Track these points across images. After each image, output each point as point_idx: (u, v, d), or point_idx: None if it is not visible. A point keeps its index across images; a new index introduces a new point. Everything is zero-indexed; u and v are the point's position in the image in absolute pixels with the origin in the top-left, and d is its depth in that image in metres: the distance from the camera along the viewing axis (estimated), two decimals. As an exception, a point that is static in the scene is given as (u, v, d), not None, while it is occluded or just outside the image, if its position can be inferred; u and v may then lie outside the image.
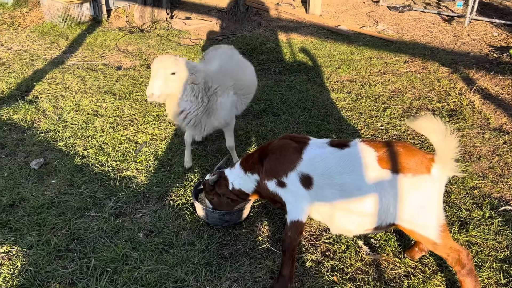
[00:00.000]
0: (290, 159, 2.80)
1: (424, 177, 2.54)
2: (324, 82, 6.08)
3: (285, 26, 8.52)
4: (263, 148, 3.01)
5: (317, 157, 2.75)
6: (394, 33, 8.30)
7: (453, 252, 2.62)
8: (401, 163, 2.57)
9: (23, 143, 4.33)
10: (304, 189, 2.76)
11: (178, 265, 2.99)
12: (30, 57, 6.48)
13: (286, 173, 2.80)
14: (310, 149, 2.80)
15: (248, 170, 3.05)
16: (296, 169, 2.77)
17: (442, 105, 5.38)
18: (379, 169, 2.59)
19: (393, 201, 2.58)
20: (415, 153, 2.59)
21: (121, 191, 3.72)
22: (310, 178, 2.73)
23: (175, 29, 8.17)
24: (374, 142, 2.74)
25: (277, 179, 2.85)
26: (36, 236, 3.17)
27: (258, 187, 3.02)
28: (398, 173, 2.56)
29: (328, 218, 2.81)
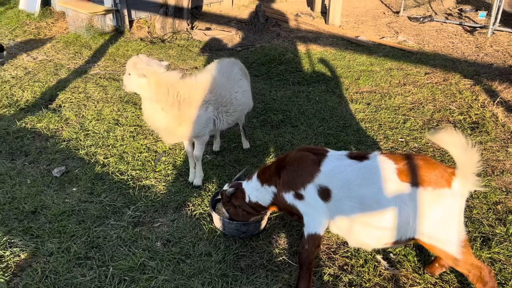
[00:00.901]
0: (308, 171, 2.78)
1: (445, 191, 2.49)
2: (343, 93, 6.05)
3: (304, 37, 8.54)
4: (280, 160, 3.00)
5: (336, 169, 2.72)
6: (414, 44, 8.22)
7: (475, 269, 2.55)
8: (421, 176, 2.53)
9: (46, 151, 4.43)
10: (322, 202, 2.74)
11: (195, 275, 3.00)
12: (55, 67, 6.64)
13: (304, 185, 2.77)
14: (329, 161, 2.77)
15: (265, 182, 3.04)
16: (314, 181, 2.74)
17: (464, 117, 5.29)
18: (399, 182, 2.56)
19: (413, 215, 2.53)
20: (436, 167, 2.55)
21: (140, 200, 3.75)
22: (328, 190, 2.70)
23: (196, 39, 8.27)
24: (394, 154, 2.71)
25: (294, 191, 2.83)
26: (57, 243, 3.22)
27: (275, 199, 3.01)
28: (418, 187, 2.52)
29: (346, 231, 2.77)
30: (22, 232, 3.30)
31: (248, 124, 5.17)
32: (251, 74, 6.76)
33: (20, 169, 4.10)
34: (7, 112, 5.18)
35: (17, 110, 5.24)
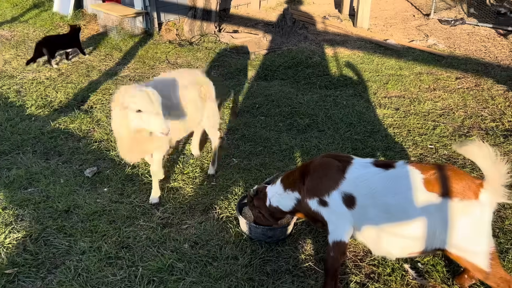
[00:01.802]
0: (333, 178, 2.77)
1: (472, 203, 2.46)
2: (371, 98, 6.00)
3: (331, 40, 8.50)
4: (305, 165, 3.00)
5: (361, 177, 2.72)
6: (445, 47, 8.07)
7: (504, 283, 2.50)
8: (448, 187, 2.50)
9: (78, 151, 4.56)
10: (346, 209, 2.73)
11: (222, 278, 3.03)
12: (86, 68, 6.83)
13: (328, 192, 2.77)
14: (354, 168, 2.76)
15: (288, 187, 3.05)
16: (338, 188, 2.74)
17: (496, 124, 5.16)
18: (425, 192, 2.53)
19: (440, 226, 2.51)
20: (463, 178, 2.52)
21: (168, 202, 3.82)
22: (353, 198, 2.70)
23: (223, 42, 8.35)
24: (420, 164, 2.69)
25: (319, 198, 2.83)
26: (89, 242, 3.32)
27: (298, 206, 3.01)
28: (445, 197, 2.49)
29: (369, 240, 2.77)
30: (56, 230, 3.42)
31: (274, 128, 5.19)
32: (278, 78, 6.79)
33: (54, 169, 4.24)
34: (41, 112, 5.36)
35: (51, 111, 5.42)
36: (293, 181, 3.02)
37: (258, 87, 6.39)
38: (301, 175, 2.96)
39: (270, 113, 5.58)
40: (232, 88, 6.22)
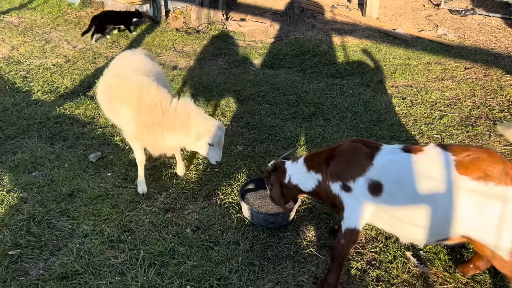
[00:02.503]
0: (360, 163, 2.68)
1: (508, 189, 2.33)
2: (377, 87, 5.94)
3: (339, 29, 8.41)
4: (331, 149, 2.91)
5: (389, 163, 2.61)
6: (455, 37, 7.95)
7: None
8: (483, 170, 2.37)
9: (83, 136, 4.58)
10: (370, 196, 2.64)
11: (223, 262, 3.04)
12: (93, 55, 6.83)
13: (354, 178, 2.69)
14: (382, 154, 2.67)
15: (312, 168, 2.97)
16: (365, 175, 2.65)
17: (504, 115, 5.08)
18: (457, 175, 2.41)
19: (469, 212, 2.40)
20: (500, 162, 2.38)
21: (171, 187, 3.83)
22: (380, 185, 2.60)
23: (230, 30, 8.30)
24: (452, 146, 2.56)
25: (343, 182, 2.73)
26: (91, 225, 3.34)
27: (318, 188, 2.94)
28: (478, 181, 2.37)
29: (396, 227, 2.67)
30: (60, 214, 3.45)
31: (279, 116, 5.16)
32: (285, 66, 6.75)
33: (58, 153, 4.26)
34: (47, 98, 5.39)
35: (57, 97, 5.44)
36: (318, 163, 2.93)
37: (264, 75, 6.35)
38: (327, 157, 2.87)
39: (276, 101, 5.55)
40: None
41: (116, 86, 3.53)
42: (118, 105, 3.47)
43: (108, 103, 3.63)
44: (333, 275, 2.76)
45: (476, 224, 2.40)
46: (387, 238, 3.30)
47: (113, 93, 3.53)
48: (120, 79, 3.54)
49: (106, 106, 3.69)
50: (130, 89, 3.41)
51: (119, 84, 3.51)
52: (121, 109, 3.44)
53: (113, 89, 3.55)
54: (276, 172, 3.19)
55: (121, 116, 3.48)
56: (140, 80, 3.45)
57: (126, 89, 3.43)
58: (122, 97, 3.44)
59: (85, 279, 2.87)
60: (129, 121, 3.42)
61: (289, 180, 3.11)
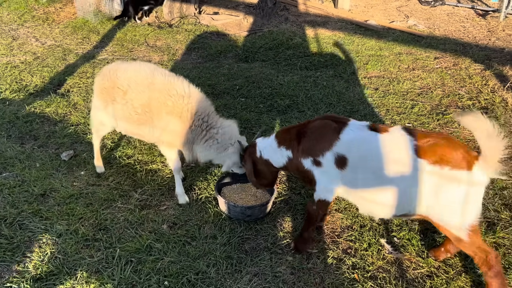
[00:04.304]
0: (328, 138, 2.79)
1: (463, 174, 2.46)
2: (350, 78, 6.01)
3: (312, 21, 8.45)
4: (301, 125, 3.00)
5: (354, 139, 2.73)
6: (425, 28, 8.10)
7: (481, 252, 2.57)
8: (440, 155, 2.50)
9: (54, 135, 4.48)
10: (337, 170, 2.78)
11: (200, 257, 3.04)
12: (63, 52, 6.68)
13: (322, 153, 2.80)
14: (349, 130, 2.77)
15: (282, 144, 3.05)
16: (332, 149, 2.76)
17: (473, 102, 5.23)
18: (416, 158, 2.54)
19: (426, 192, 2.54)
20: (458, 148, 2.50)
21: (147, 184, 3.80)
22: (345, 159, 2.73)
23: (203, 24, 8.24)
24: (416, 130, 2.68)
25: (313, 158, 2.85)
26: (65, 225, 3.28)
27: (289, 163, 3.04)
28: (435, 165, 2.50)
29: (357, 199, 2.86)
30: (32, 214, 3.37)
31: (254, 109, 5.17)
32: (259, 59, 6.75)
33: (29, 153, 4.16)
34: (16, 96, 5.24)
35: (26, 95, 5.30)
36: (288, 139, 3.01)
37: (238, 69, 6.34)
38: (297, 134, 2.96)
39: (251, 95, 5.55)
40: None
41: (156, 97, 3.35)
42: (159, 115, 3.36)
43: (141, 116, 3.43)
44: (306, 232, 3.06)
45: (432, 205, 2.56)
46: (362, 226, 3.36)
47: (153, 105, 3.36)
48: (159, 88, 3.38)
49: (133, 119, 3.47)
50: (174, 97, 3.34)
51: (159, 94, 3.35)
52: (164, 119, 3.35)
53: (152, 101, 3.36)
54: (249, 150, 3.27)
55: (162, 126, 3.38)
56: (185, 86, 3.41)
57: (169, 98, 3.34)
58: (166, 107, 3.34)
59: (60, 279, 2.83)
60: (172, 129, 3.37)
61: (261, 155, 3.17)
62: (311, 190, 3.06)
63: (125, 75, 3.44)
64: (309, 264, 3.02)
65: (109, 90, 3.49)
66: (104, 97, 3.54)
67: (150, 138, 3.56)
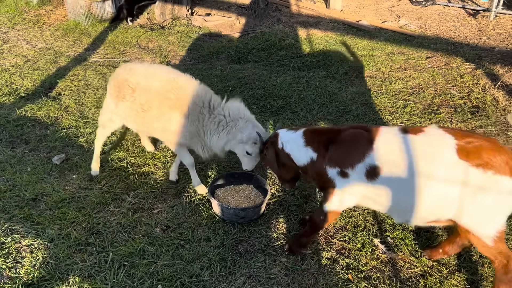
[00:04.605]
0: (361, 150, 2.65)
1: (504, 179, 2.34)
2: (343, 78, 6.02)
3: (305, 22, 8.46)
4: (333, 132, 2.85)
5: (388, 146, 2.59)
6: (416, 28, 8.14)
7: (502, 257, 2.52)
8: (485, 158, 2.36)
9: (46, 139, 4.45)
10: (366, 182, 2.64)
11: (194, 260, 3.03)
12: (54, 55, 6.63)
13: (353, 165, 2.67)
14: (382, 137, 2.64)
15: (309, 145, 2.90)
16: (365, 161, 2.62)
17: (465, 101, 5.25)
18: (457, 160, 2.40)
19: (464, 196, 2.40)
20: (502, 152, 2.38)
21: (140, 187, 3.78)
22: (378, 168, 2.59)
23: (195, 25, 8.21)
24: (455, 130, 2.54)
25: (341, 169, 2.72)
26: (57, 229, 3.26)
27: (310, 165, 2.90)
28: (478, 168, 2.36)
29: (390, 208, 2.69)
30: (23, 219, 3.34)
31: (247, 110, 5.16)
32: (251, 60, 6.74)
33: (20, 157, 4.13)
34: (7, 100, 5.20)
35: (17, 99, 5.25)
36: (317, 142, 2.87)
37: (231, 70, 6.33)
38: (327, 140, 2.81)
39: (243, 96, 5.53)
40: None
41: (165, 94, 3.40)
42: (169, 112, 3.39)
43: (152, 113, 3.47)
44: (306, 238, 3.02)
45: (466, 210, 2.43)
46: (355, 226, 3.36)
47: (163, 101, 3.39)
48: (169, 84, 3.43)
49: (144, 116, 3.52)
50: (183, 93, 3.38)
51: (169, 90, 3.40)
52: (173, 116, 3.38)
53: (161, 97, 3.41)
54: (271, 138, 3.14)
55: (172, 123, 3.41)
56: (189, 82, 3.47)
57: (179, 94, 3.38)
58: (174, 103, 3.37)
59: (52, 285, 2.80)
60: (179, 125, 3.40)
61: (283, 147, 3.02)
62: (323, 198, 2.91)
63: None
64: (303, 265, 3.02)
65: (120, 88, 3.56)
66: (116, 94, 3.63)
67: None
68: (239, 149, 3.36)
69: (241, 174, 3.80)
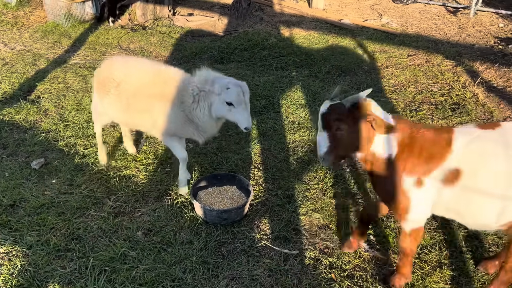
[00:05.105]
0: (439, 153, 2.39)
1: None
2: (325, 77, 6.03)
3: (287, 21, 8.47)
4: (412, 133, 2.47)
5: (469, 145, 2.37)
6: (398, 26, 8.21)
7: None
8: None
9: (24, 143, 4.36)
10: (443, 187, 2.40)
11: (176, 263, 3.00)
12: (33, 57, 6.51)
13: (430, 171, 2.40)
14: (460, 136, 2.40)
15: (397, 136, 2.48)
16: (443, 165, 2.38)
17: (445, 98, 5.31)
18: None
19: None
20: None
21: (121, 190, 3.73)
22: (458, 172, 2.35)
23: (177, 26, 8.16)
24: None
25: (417, 177, 2.43)
26: (36, 236, 3.19)
27: (384, 161, 2.51)
28: None
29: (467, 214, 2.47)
30: (0, 226, 3.27)
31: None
32: (235, 60, 6.71)
33: (-2, 162, 4.04)
34: (-16, 104, 5.08)
35: (-5, 102, 5.14)
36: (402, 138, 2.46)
37: (214, 70, 6.28)
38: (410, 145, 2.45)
39: (226, 96, 5.50)
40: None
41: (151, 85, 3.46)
42: (156, 103, 3.42)
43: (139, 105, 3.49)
44: (406, 268, 2.75)
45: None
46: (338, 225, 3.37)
47: (151, 92, 3.43)
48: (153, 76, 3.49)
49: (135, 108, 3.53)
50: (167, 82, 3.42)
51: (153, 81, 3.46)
52: (161, 106, 3.41)
53: (147, 89, 3.45)
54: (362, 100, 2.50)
55: (160, 113, 3.43)
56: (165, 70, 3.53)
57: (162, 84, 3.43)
58: (161, 93, 3.41)
59: (31, 292, 2.74)
60: (169, 114, 3.41)
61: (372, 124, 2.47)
62: (397, 217, 2.62)
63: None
64: (286, 266, 3.01)
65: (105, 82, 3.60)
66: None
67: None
68: (221, 108, 3.24)
69: (224, 176, 3.78)
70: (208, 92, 3.27)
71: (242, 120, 3.20)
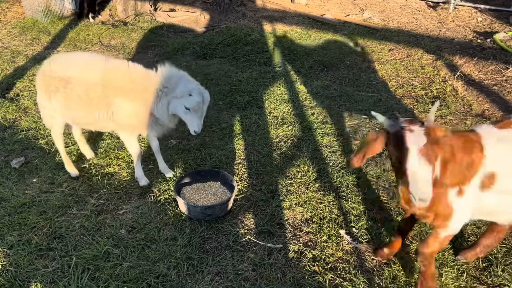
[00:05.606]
0: (475, 160, 2.35)
1: None
2: (308, 72, 6.06)
3: (270, 16, 8.46)
4: (440, 144, 2.20)
5: (498, 145, 2.37)
6: (379, 20, 8.28)
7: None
8: None
9: (3, 142, 4.28)
10: (480, 193, 2.39)
11: (160, 260, 3.00)
12: (11, 54, 6.38)
13: (471, 178, 2.35)
14: (488, 139, 2.38)
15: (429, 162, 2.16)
16: (480, 171, 2.35)
17: (426, 92, 5.39)
18: None
19: None
20: None
21: (103, 188, 3.70)
22: (493, 175, 2.34)
23: (159, 21, 8.08)
24: None
25: (459, 187, 2.36)
26: (17, 235, 3.15)
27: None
28: None
29: (501, 212, 2.50)
30: (-20, 227, 3.21)
31: (213, 107, 5.13)
32: (217, 56, 6.69)
33: (-24, 162, 3.96)
34: (-39, 103, 4.97)
35: (-28, 101, 5.03)
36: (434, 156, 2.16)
37: (196, 66, 6.26)
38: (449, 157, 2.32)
39: (210, 92, 5.40)
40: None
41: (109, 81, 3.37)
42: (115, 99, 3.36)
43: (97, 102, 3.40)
44: (431, 267, 2.65)
45: None
46: (321, 218, 3.40)
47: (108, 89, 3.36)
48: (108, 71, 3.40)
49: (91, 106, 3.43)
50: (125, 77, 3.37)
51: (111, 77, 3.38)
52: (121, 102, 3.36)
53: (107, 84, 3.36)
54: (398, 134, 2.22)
55: (121, 110, 3.39)
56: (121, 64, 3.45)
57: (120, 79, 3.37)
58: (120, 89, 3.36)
59: (13, 293, 2.71)
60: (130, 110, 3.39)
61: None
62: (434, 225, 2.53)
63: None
64: (271, 260, 3.03)
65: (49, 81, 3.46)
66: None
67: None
68: (179, 108, 3.33)
69: (208, 172, 3.78)
70: (169, 90, 3.32)
71: (194, 125, 3.38)
